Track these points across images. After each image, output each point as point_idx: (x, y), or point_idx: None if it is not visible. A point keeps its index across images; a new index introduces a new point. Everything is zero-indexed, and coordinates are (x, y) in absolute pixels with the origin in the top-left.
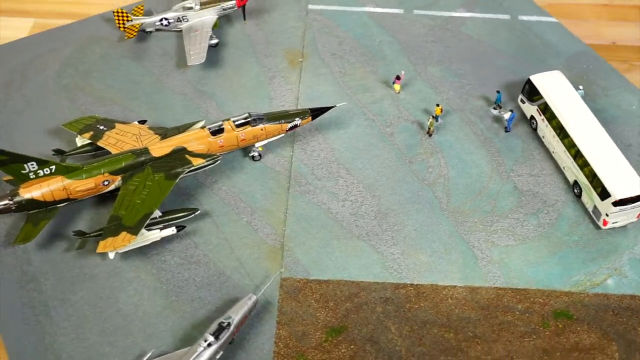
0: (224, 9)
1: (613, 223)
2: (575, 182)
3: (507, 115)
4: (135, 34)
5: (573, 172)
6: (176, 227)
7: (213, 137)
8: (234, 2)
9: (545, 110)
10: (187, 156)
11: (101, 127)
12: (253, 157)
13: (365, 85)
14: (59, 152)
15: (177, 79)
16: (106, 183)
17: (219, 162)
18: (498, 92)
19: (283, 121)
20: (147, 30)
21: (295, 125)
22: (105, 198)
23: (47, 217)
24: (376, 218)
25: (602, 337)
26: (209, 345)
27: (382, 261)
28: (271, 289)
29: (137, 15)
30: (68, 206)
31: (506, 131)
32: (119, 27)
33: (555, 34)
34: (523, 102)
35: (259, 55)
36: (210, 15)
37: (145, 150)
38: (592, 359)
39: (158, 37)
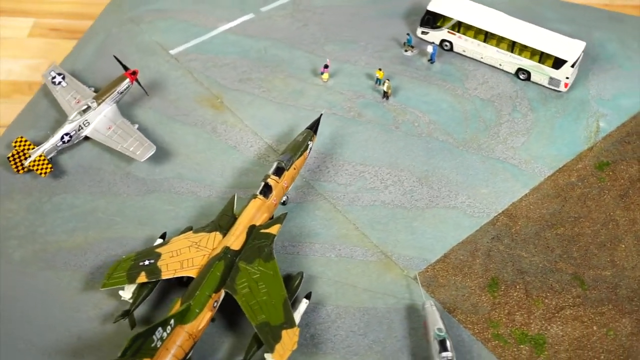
0: (120, 93)
1: (567, 81)
2: (518, 70)
3: (430, 49)
4: (50, 166)
5: (513, 63)
6: (305, 297)
7: (267, 199)
8: (127, 80)
9: (460, 27)
10: (262, 231)
11: (147, 262)
12: (284, 202)
13: (295, 89)
14: (123, 315)
15: (131, 181)
16: (215, 305)
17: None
18: (408, 34)
19: (302, 149)
20: (49, 157)
21: (311, 149)
22: None
23: None
24: (422, 185)
25: (638, 162)
26: None
27: (462, 212)
28: (416, 292)
29: (29, 149)
30: None
31: (431, 62)
32: (18, 170)
33: None
34: (426, 32)
35: (182, 118)
36: (109, 106)
37: (226, 250)
38: None
39: (60, 162)
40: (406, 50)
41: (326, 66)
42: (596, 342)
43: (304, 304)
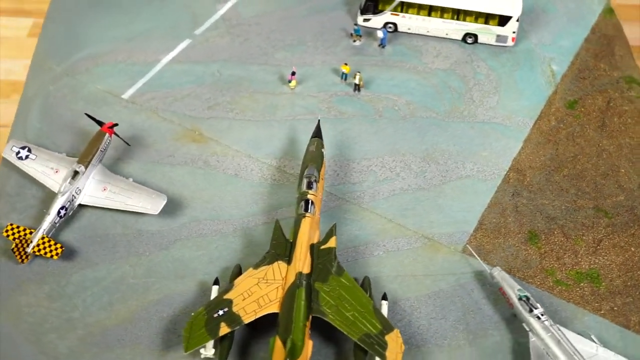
0: (103, 150)
1: (513, 35)
2: (465, 35)
3: (380, 34)
4: (59, 245)
5: (460, 29)
6: (383, 299)
7: (314, 214)
8: (106, 135)
9: (402, 8)
10: (322, 247)
11: (222, 312)
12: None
13: (267, 104)
14: None
15: (146, 238)
16: (310, 331)
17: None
18: (356, 24)
19: (320, 157)
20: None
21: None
22: None
23: None
24: (428, 163)
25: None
26: None
27: (475, 179)
28: (472, 264)
29: (28, 234)
30: None
31: (383, 47)
32: (23, 260)
33: None
34: (368, 19)
35: (169, 160)
36: (96, 167)
37: (300, 275)
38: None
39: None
40: (354, 41)
41: (293, 73)
42: (639, 261)
43: (385, 306)
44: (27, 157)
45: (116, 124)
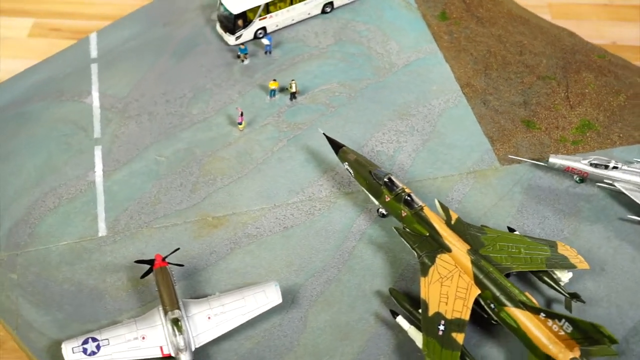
0: (175, 282)
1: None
2: (324, 6)
3: (266, 41)
4: None
5: (318, 3)
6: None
7: (422, 202)
8: (167, 268)
9: (267, 8)
10: (453, 223)
11: (443, 326)
12: (384, 214)
13: (236, 154)
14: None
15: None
16: None
17: None
18: (243, 44)
19: (365, 159)
20: None
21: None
22: None
23: None
24: (408, 118)
25: None
26: None
27: (445, 104)
28: (523, 168)
29: None
30: None
31: (270, 53)
32: None
33: None
34: (239, 36)
35: (216, 256)
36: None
37: (470, 252)
38: None
39: None
40: (242, 61)
41: (242, 114)
42: (601, 93)
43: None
44: (98, 347)
45: (178, 248)
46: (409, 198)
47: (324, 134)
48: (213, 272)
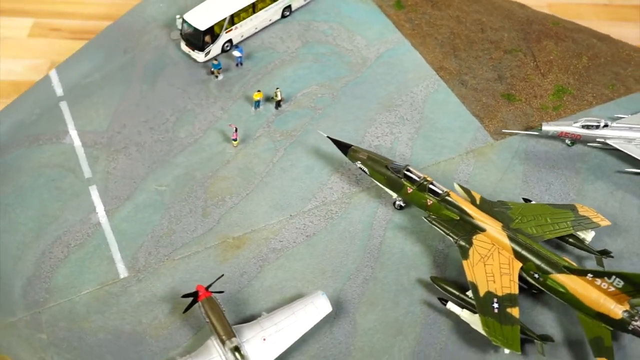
0: (223, 309)
1: None
2: (283, 10)
3: (237, 53)
4: None
5: (277, 9)
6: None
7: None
8: (212, 297)
9: (231, 20)
10: (478, 204)
11: (497, 304)
12: (401, 206)
13: (238, 172)
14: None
15: None
16: None
17: None
18: (216, 59)
19: (376, 154)
20: None
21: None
22: None
23: None
24: (395, 108)
25: None
26: None
27: (426, 90)
28: (517, 139)
29: None
30: None
31: (241, 65)
32: None
33: None
34: (209, 52)
35: (248, 276)
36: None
37: (504, 228)
38: None
39: None
40: (216, 76)
41: (236, 130)
42: (567, 57)
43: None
44: None
45: (222, 275)
46: (432, 186)
47: (328, 137)
48: (250, 293)
